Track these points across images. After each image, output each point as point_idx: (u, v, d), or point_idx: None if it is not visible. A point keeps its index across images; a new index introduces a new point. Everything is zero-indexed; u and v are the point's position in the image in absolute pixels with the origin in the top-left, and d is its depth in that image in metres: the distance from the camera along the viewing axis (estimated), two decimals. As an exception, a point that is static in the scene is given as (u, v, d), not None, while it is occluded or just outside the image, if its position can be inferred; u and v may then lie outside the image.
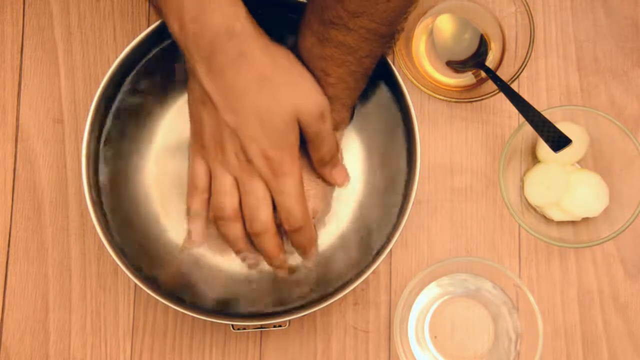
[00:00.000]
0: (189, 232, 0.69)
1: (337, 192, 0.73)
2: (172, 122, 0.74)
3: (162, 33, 0.71)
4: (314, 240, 0.68)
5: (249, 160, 0.63)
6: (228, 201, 0.65)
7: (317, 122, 0.64)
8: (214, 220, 0.67)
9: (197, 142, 0.66)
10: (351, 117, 0.71)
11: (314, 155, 0.66)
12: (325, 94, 0.65)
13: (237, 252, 0.68)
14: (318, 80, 0.65)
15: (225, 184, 0.64)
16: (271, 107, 0.62)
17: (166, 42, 0.73)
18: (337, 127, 0.69)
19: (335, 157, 0.68)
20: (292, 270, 0.70)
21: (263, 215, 0.64)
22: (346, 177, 0.70)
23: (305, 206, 0.65)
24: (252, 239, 0.67)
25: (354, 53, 0.64)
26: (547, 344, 0.75)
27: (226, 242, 0.67)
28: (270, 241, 0.66)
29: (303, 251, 0.68)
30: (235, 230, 0.66)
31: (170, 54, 0.73)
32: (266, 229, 0.65)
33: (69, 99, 0.78)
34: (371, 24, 0.62)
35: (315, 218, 0.70)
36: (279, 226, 0.66)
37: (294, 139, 0.63)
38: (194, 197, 0.67)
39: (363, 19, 0.62)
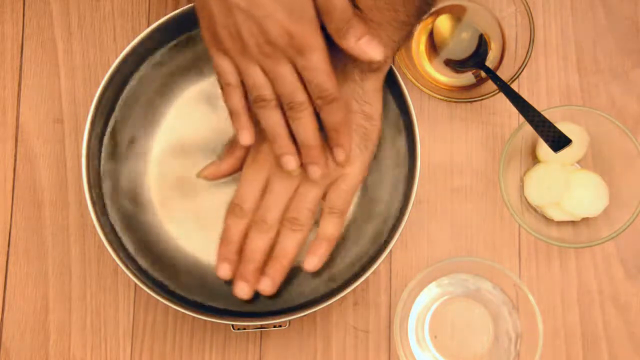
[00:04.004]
0: (239, 131, 0.66)
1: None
2: (174, 123, 0.74)
3: (162, 34, 0.72)
4: (346, 118, 0.65)
5: (269, 42, 0.59)
6: (267, 92, 0.62)
7: None
8: (255, 111, 0.64)
9: (212, 38, 0.62)
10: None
11: (329, 25, 0.61)
12: (372, 19, 0.63)
13: (277, 148, 0.65)
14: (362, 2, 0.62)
15: (257, 75, 0.62)
16: None
17: (167, 43, 0.73)
18: (379, 67, 0.66)
19: (355, 26, 0.61)
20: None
21: (300, 97, 0.62)
22: (378, 48, 0.62)
23: (335, 79, 0.62)
24: (290, 127, 0.64)
25: None
26: (547, 344, 0.75)
27: (268, 134, 0.65)
28: (310, 122, 0.64)
29: (336, 134, 0.66)
30: (276, 116, 0.64)
31: (170, 55, 0.73)
32: (305, 108, 0.63)
33: (69, 99, 0.78)
34: None
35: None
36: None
37: (310, 11, 0.59)
38: (230, 96, 0.64)
39: None
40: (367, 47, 0.62)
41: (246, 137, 0.66)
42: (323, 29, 0.61)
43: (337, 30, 0.61)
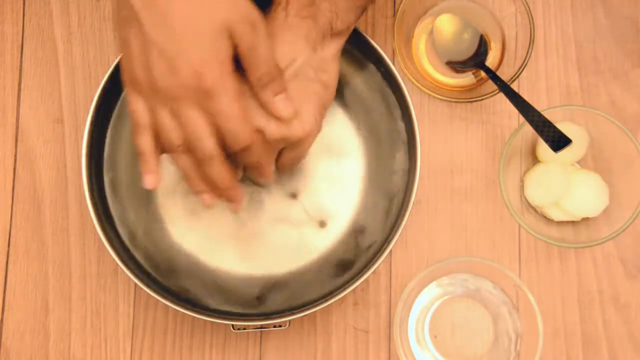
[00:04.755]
0: (144, 175, 0.63)
1: (338, 193, 0.73)
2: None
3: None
4: (266, 157, 0.64)
5: (179, 83, 0.58)
6: (174, 136, 0.60)
7: (250, 33, 0.58)
8: (165, 153, 0.63)
9: (128, 73, 0.60)
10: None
11: (250, 75, 0.60)
12: None
13: (190, 186, 0.64)
14: None
15: (166, 118, 0.60)
16: (200, 16, 0.57)
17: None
18: (341, 33, 0.65)
19: (276, 81, 0.61)
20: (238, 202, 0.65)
21: (205, 145, 0.60)
22: (290, 109, 0.62)
23: (247, 123, 0.60)
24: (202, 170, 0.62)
25: None
26: (547, 344, 0.75)
27: (180, 170, 0.63)
28: (218, 169, 0.62)
29: (259, 172, 0.64)
30: (186, 161, 0.62)
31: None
32: (211, 157, 0.61)
33: (69, 99, 0.78)
34: None
35: (310, 139, 0.65)
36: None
37: (224, 53, 0.58)
38: (140, 136, 0.62)
39: None
40: (281, 105, 0.62)
41: (150, 182, 0.63)
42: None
43: (257, 80, 0.60)
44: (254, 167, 0.64)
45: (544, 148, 0.74)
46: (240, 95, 0.60)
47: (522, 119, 0.72)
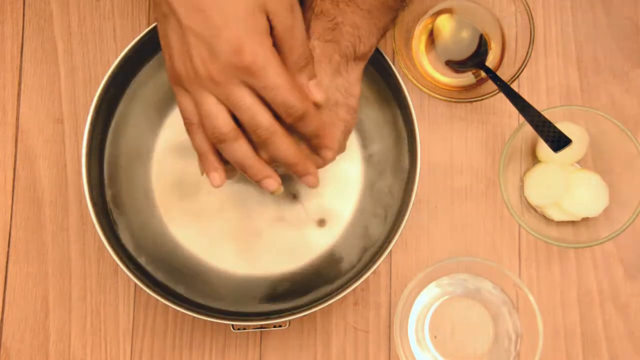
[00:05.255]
0: (208, 174, 0.62)
1: (338, 193, 0.73)
2: (175, 122, 0.74)
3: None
4: (324, 124, 0.61)
5: (220, 66, 0.56)
6: (220, 122, 0.58)
7: (288, 14, 0.57)
8: (217, 148, 0.60)
9: (171, 70, 0.59)
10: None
11: (288, 58, 0.58)
12: (361, 6, 0.62)
13: (253, 176, 0.61)
14: None
15: (210, 105, 0.58)
16: None
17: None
18: (364, 56, 0.64)
19: (310, 65, 0.60)
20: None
21: (263, 121, 0.58)
22: (324, 93, 0.61)
23: (299, 90, 0.58)
24: (264, 153, 0.60)
25: None
26: (547, 344, 0.75)
27: (236, 166, 0.61)
28: (283, 144, 0.59)
29: (318, 140, 0.62)
30: (241, 148, 0.59)
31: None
32: (273, 132, 0.58)
33: (69, 99, 0.78)
34: None
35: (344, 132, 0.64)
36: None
37: (261, 28, 0.56)
38: (194, 136, 0.60)
39: None
40: (315, 89, 0.60)
41: (216, 180, 0.61)
42: None
43: (294, 63, 0.59)
44: (316, 136, 0.61)
45: (544, 148, 0.74)
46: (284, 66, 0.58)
47: (522, 119, 0.72)
